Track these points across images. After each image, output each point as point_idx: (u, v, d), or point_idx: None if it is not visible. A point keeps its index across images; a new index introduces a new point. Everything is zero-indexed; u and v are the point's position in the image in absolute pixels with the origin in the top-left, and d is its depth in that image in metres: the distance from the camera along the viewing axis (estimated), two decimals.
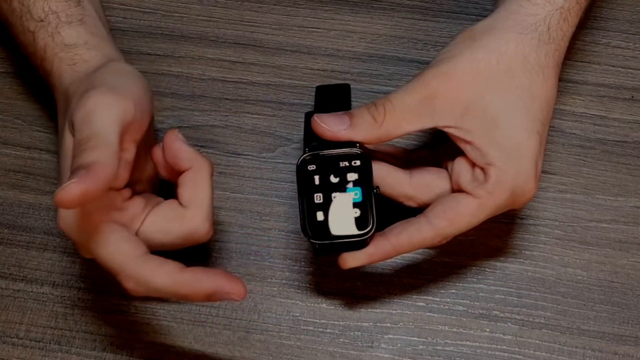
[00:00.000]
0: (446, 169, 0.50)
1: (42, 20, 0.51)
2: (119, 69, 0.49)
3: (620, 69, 0.61)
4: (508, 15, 0.49)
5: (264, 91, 0.60)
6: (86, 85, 0.47)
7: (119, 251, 0.44)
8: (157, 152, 0.48)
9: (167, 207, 0.47)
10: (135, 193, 0.48)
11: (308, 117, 0.49)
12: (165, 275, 0.44)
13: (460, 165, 0.49)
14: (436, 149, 0.53)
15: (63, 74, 0.50)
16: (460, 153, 0.49)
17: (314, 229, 0.47)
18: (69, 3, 0.52)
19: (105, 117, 0.44)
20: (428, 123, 0.48)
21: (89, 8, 0.53)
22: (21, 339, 0.52)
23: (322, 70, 0.61)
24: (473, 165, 0.48)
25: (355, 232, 0.47)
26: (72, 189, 0.40)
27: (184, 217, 0.46)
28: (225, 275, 0.44)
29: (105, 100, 0.45)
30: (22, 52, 0.54)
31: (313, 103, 0.53)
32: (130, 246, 0.44)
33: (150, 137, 0.51)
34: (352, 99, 0.52)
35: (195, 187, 0.46)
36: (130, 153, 0.47)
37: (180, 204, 0.47)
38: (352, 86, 0.53)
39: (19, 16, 0.52)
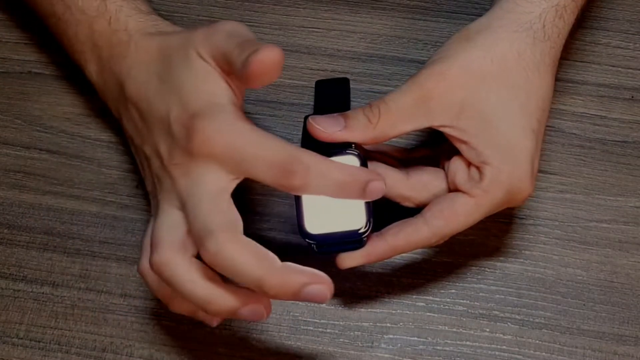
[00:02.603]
0: (443, 168, 0.50)
1: None
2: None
3: (620, 69, 0.61)
4: (503, 14, 0.49)
5: (264, 91, 0.60)
6: (200, 26, 0.48)
7: (282, 141, 0.44)
8: None
9: None
10: None
11: (307, 119, 0.49)
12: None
13: (456, 165, 0.49)
14: (434, 148, 0.53)
15: (147, 30, 0.50)
16: (457, 152, 0.49)
17: (310, 230, 0.47)
18: None
19: (249, 34, 0.46)
20: (423, 123, 0.48)
21: None
22: (21, 339, 0.52)
23: (322, 70, 0.61)
24: (469, 164, 0.48)
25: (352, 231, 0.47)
26: (278, 50, 0.42)
27: None
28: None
29: (240, 25, 0.47)
30: (63, 19, 0.54)
31: (313, 103, 0.53)
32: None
33: None
34: (352, 99, 0.52)
35: None
36: None
37: None
38: (352, 86, 0.53)
39: None
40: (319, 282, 0.43)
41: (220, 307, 0.44)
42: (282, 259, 0.55)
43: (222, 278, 0.45)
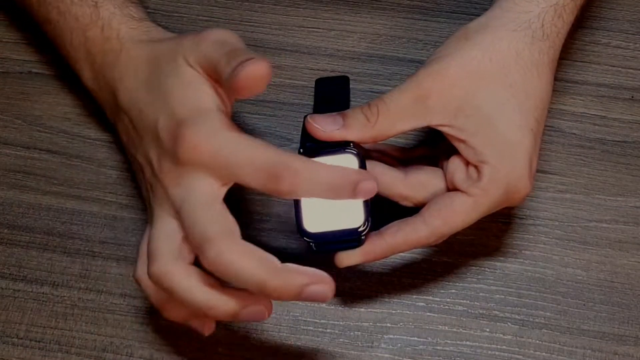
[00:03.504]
0: (442, 167, 0.50)
1: None
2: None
3: (620, 69, 0.61)
4: (502, 13, 0.49)
5: (264, 91, 0.60)
6: (190, 33, 0.48)
7: (269, 146, 0.44)
8: None
9: None
10: None
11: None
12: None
13: (454, 164, 0.49)
14: (432, 147, 0.53)
15: (139, 38, 0.50)
16: (455, 152, 0.49)
17: (309, 228, 0.47)
18: None
19: (238, 42, 0.46)
20: (422, 122, 0.48)
21: None
22: (21, 339, 0.52)
23: (322, 70, 0.61)
24: (467, 163, 0.48)
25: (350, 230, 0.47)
26: (267, 64, 0.42)
27: None
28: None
29: (229, 34, 0.46)
30: (58, 26, 0.54)
31: (312, 103, 0.53)
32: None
33: None
34: (352, 99, 0.52)
35: None
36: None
37: None
38: (352, 87, 0.53)
39: None
40: (320, 281, 0.43)
41: (221, 312, 0.44)
42: (283, 259, 0.55)
43: (221, 281, 0.45)
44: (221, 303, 0.44)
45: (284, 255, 0.55)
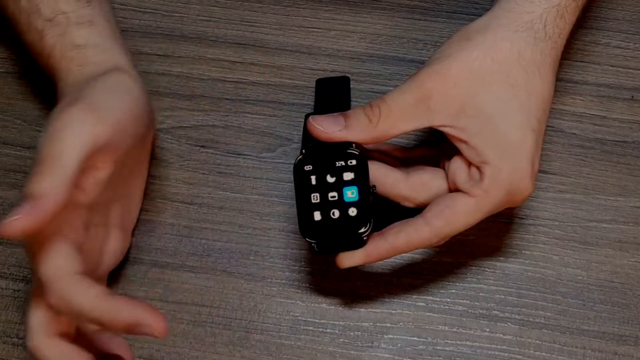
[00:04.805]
0: (443, 168, 0.50)
1: (50, 20, 0.51)
2: (116, 82, 0.48)
3: (620, 69, 0.61)
4: (503, 13, 0.49)
5: (264, 91, 0.60)
6: (75, 95, 0.47)
7: (53, 264, 0.43)
8: None
9: None
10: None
11: (307, 118, 0.49)
12: (88, 298, 0.43)
13: (456, 165, 0.49)
14: (434, 147, 0.53)
15: (69, 75, 0.50)
16: (457, 152, 0.49)
17: (311, 229, 0.47)
18: (78, 4, 0.51)
19: (73, 136, 0.44)
20: (423, 122, 0.48)
21: (98, 9, 0.52)
22: (21, 339, 0.52)
23: (322, 70, 0.61)
24: (469, 164, 0.48)
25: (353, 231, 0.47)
26: (15, 224, 0.41)
27: None
28: (148, 309, 0.43)
29: (80, 117, 0.44)
30: (27, 51, 0.54)
31: (313, 103, 0.53)
32: (65, 262, 0.43)
33: (141, 155, 0.53)
34: (352, 100, 0.52)
35: None
36: (103, 172, 0.46)
37: None
38: (352, 86, 0.53)
39: (27, 14, 0.52)
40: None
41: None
42: (283, 259, 0.55)
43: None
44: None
45: (285, 255, 0.55)
